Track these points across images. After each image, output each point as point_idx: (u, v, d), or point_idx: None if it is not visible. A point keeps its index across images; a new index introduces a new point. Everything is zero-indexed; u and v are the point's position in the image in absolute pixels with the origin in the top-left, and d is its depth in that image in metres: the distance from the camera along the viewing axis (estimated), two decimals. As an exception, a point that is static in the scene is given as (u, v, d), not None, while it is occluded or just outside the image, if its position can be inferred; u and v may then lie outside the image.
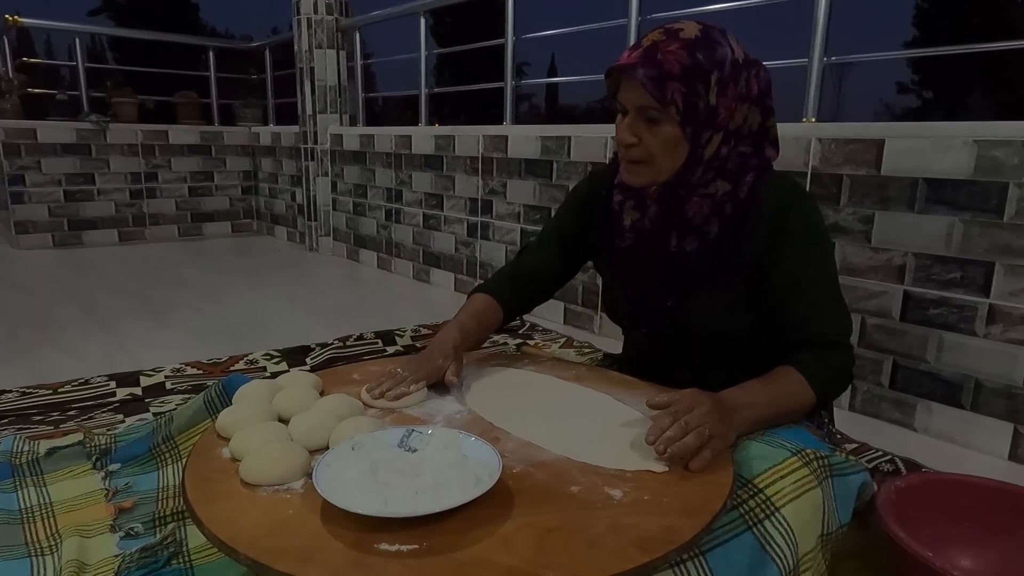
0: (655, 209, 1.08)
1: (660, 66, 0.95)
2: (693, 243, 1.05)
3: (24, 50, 9.42)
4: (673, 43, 0.96)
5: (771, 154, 1.06)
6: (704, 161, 1.01)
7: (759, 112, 1.03)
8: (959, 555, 1.03)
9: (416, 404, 1.03)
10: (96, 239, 4.55)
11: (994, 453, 1.62)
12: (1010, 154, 1.52)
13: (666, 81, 0.95)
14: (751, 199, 1.02)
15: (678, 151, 1.00)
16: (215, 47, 5.44)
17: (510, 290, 1.26)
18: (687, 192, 1.04)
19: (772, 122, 1.05)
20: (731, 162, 1.02)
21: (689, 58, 0.95)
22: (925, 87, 21.36)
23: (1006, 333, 1.57)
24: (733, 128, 1.01)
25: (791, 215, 1.01)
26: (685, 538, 0.69)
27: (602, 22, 2.81)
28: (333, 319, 2.75)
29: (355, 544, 0.68)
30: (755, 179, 1.03)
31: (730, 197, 1.03)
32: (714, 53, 0.97)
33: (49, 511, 1.17)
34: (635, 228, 1.11)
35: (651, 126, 0.99)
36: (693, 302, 1.07)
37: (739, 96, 0.99)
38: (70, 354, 2.24)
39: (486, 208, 3.09)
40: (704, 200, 1.03)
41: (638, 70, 0.96)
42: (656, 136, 0.99)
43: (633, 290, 1.14)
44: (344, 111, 4.22)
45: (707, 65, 0.96)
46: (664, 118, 0.98)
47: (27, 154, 4.27)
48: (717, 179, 1.03)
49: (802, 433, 0.96)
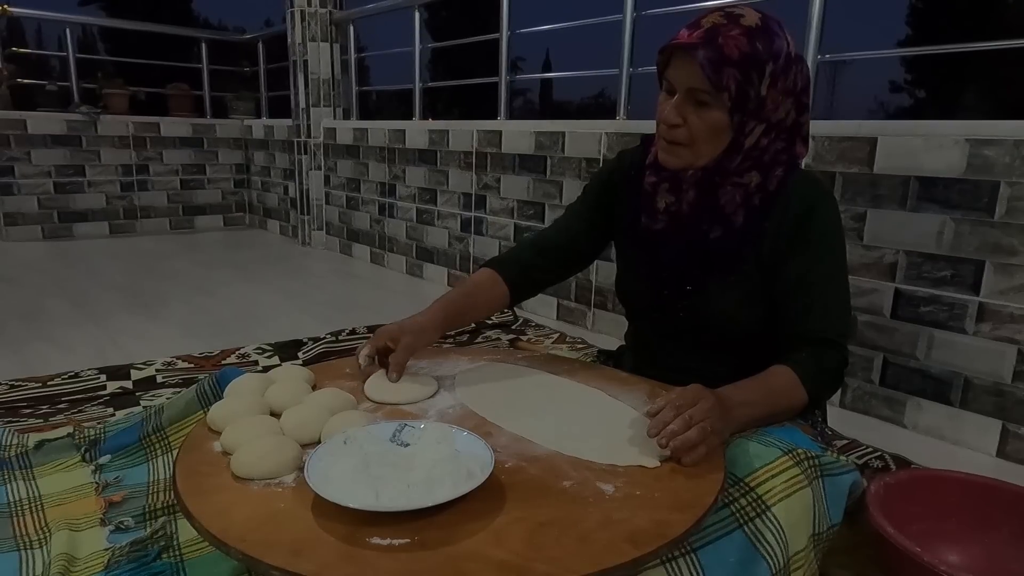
0: (692, 195, 1.06)
1: (720, 50, 0.94)
2: (718, 231, 1.05)
3: (14, 40, 9.32)
4: (734, 28, 0.95)
5: (801, 151, 1.06)
6: (744, 151, 1.01)
7: (796, 107, 1.02)
8: (947, 550, 1.04)
9: (425, 399, 1.02)
10: (86, 231, 4.51)
11: (982, 450, 1.64)
12: (1001, 153, 1.53)
13: (724, 66, 0.94)
14: (779, 192, 1.02)
15: (720, 138, 1.00)
16: (208, 39, 5.40)
17: (527, 261, 1.22)
18: (722, 179, 1.03)
19: (806, 118, 1.05)
20: (768, 154, 1.02)
21: (749, 46, 0.95)
22: (918, 86, 21.46)
23: (995, 331, 1.59)
24: (775, 121, 1.01)
25: (815, 214, 1.01)
26: (676, 532, 0.69)
27: (597, 17, 2.81)
28: (325, 313, 2.75)
29: (346, 538, 0.68)
30: (784, 173, 1.03)
31: (759, 188, 1.03)
32: (772, 44, 0.96)
33: (38, 504, 1.16)
34: (668, 211, 1.09)
35: (699, 109, 0.98)
36: (711, 289, 1.07)
37: (786, 90, 0.99)
38: (60, 347, 2.22)
39: (480, 203, 3.09)
40: (737, 189, 1.03)
41: (699, 51, 0.94)
42: (703, 120, 0.98)
43: (655, 273, 1.13)
44: (337, 104, 4.20)
45: (764, 56, 0.95)
46: (714, 103, 0.97)
47: (16, 145, 4.23)
48: (752, 169, 1.03)
49: (794, 432, 0.96)
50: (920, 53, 7.68)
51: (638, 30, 2.52)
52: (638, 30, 2.52)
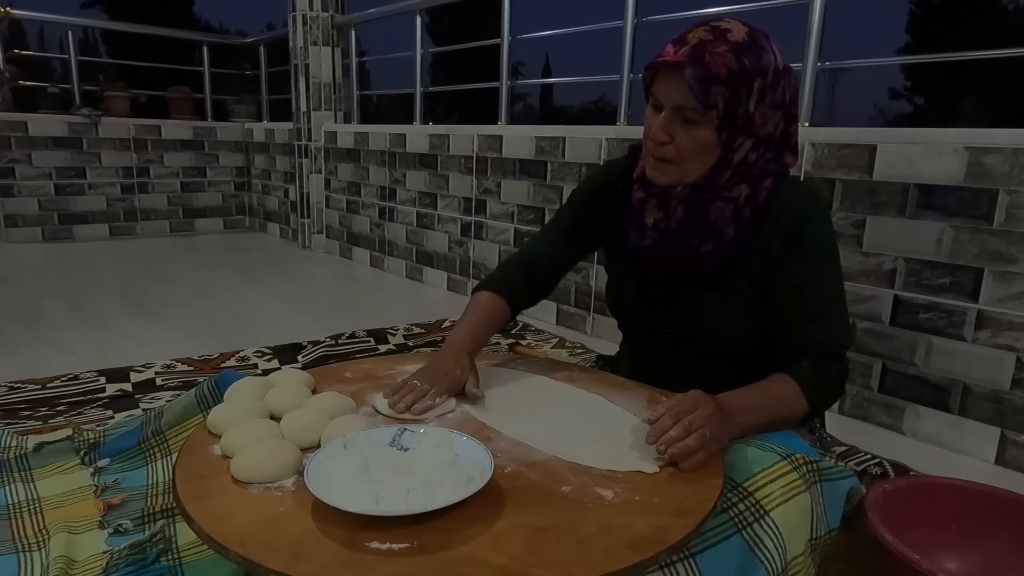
0: (681, 211, 1.06)
1: (707, 68, 0.92)
2: (708, 246, 1.05)
3: (16, 42, 9.33)
4: (721, 44, 0.93)
5: (790, 160, 1.05)
6: (733, 166, 1.00)
7: (784, 118, 1.01)
8: (945, 558, 1.04)
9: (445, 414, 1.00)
10: (87, 234, 4.51)
11: (981, 457, 1.64)
12: (1000, 161, 1.53)
13: (712, 84, 0.93)
14: (769, 203, 1.02)
15: (709, 155, 0.99)
16: (209, 42, 5.42)
17: (520, 284, 1.22)
18: (711, 195, 1.03)
19: (795, 129, 1.04)
20: (756, 167, 1.01)
21: (736, 63, 0.93)
22: (917, 93, 21.52)
23: (994, 338, 1.59)
24: (764, 135, 1.00)
25: (807, 225, 1.01)
26: (676, 538, 0.69)
27: (598, 24, 2.82)
28: (325, 317, 2.75)
29: (346, 542, 0.68)
30: (773, 184, 1.02)
31: (749, 201, 1.02)
32: (760, 59, 0.95)
33: (37, 507, 1.16)
34: (657, 228, 1.09)
35: (686, 127, 0.97)
36: (702, 303, 1.07)
37: (774, 103, 0.98)
38: (59, 349, 2.22)
39: (480, 208, 3.09)
40: (726, 204, 1.03)
41: (685, 69, 0.93)
42: (690, 138, 0.97)
43: (645, 287, 1.13)
44: (339, 108, 4.21)
45: (752, 72, 0.94)
46: (702, 120, 0.96)
47: (17, 147, 4.23)
48: (741, 183, 1.02)
49: (792, 438, 0.96)
50: (919, 61, 7.71)
51: (639, 36, 2.53)
52: (639, 36, 2.53)
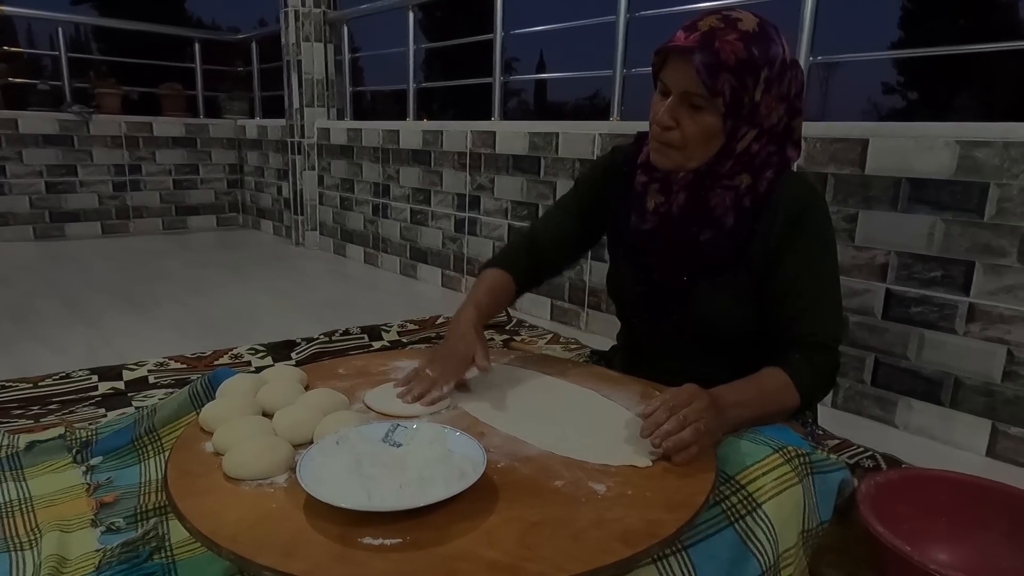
0: (683, 197, 1.07)
1: (717, 54, 0.94)
2: (708, 233, 1.06)
3: (5, 39, 9.26)
4: (731, 33, 0.95)
5: (792, 155, 1.06)
6: (735, 155, 1.01)
7: (789, 111, 1.03)
8: (937, 549, 1.05)
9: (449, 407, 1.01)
10: (78, 232, 4.49)
11: (972, 449, 1.65)
12: (991, 155, 1.54)
13: (720, 71, 0.94)
14: (769, 194, 1.03)
15: (713, 142, 1.00)
16: (201, 38, 5.38)
17: (525, 261, 1.23)
18: (712, 182, 1.04)
19: (798, 123, 1.05)
20: (758, 158, 1.03)
21: (745, 51, 0.94)
22: (910, 88, 21.60)
23: (985, 331, 1.60)
24: (768, 126, 1.01)
25: (805, 216, 1.02)
26: (668, 532, 0.69)
27: (591, 19, 2.82)
28: (319, 314, 2.74)
29: (339, 538, 0.68)
30: (774, 175, 1.03)
31: (750, 190, 1.03)
32: (768, 50, 0.96)
33: (29, 505, 1.15)
34: (658, 212, 1.10)
35: (693, 112, 0.98)
36: (700, 290, 1.08)
37: (780, 95, 0.99)
38: (51, 347, 2.21)
39: (474, 204, 3.09)
40: (727, 192, 1.04)
41: (695, 54, 0.94)
42: (696, 123, 0.99)
43: (645, 273, 1.13)
44: (331, 105, 4.19)
45: (760, 62, 0.95)
46: (708, 107, 0.97)
47: (8, 144, 4.20)
48: (742, 172, 1.03)
49: (784, 431, 0.96)
50: (912, 55, 7.71)
51: (632, 31, 2.53)
52: (632, 31, 2.53)
